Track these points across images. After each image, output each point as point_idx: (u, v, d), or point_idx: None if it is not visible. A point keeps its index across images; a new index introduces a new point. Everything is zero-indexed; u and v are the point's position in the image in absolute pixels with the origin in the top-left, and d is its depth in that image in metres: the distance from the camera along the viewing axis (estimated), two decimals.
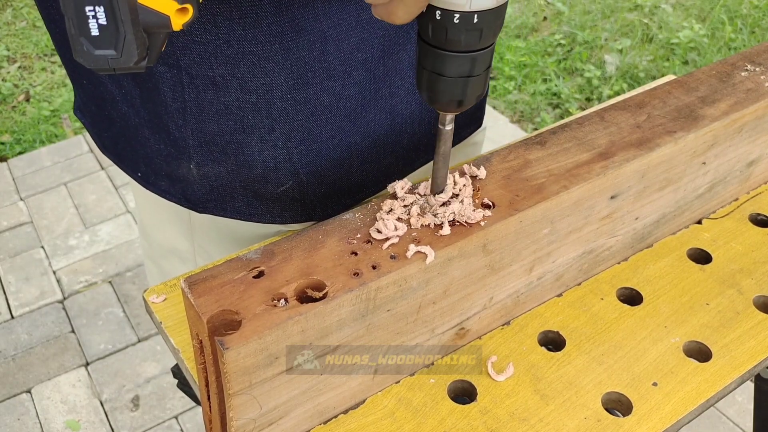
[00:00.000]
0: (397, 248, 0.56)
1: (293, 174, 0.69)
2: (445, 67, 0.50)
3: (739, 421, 1.68)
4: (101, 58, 0.42)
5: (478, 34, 0.48)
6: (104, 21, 0.41)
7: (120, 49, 0.42)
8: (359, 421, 0.63)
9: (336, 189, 0.73)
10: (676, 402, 0.64)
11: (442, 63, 0.50)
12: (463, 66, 0.50)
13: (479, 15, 0.47)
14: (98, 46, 0.42)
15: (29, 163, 2.47)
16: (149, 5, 0.41)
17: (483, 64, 0.51)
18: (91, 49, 0.42)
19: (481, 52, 0.50)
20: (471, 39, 0.48)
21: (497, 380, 0.65)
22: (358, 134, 0.70)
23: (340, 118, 0.67)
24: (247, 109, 0.64)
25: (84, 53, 0.42)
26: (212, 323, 0.50)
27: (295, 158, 0.68)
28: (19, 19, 3.23)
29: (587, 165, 0.65)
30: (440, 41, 0.49)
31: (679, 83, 0.76)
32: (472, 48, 0.49)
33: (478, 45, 0.49)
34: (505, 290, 0.67)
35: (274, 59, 0.61)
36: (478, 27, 0.48)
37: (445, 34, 0.48)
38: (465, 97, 0.52)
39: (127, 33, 0.41)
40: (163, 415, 1.73)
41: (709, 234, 0.81)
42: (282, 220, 0.74)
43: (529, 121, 2.69)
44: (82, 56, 0.42)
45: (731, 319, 0.71)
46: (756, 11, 3.20)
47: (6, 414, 1.73)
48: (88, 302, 2.00)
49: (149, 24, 0.42)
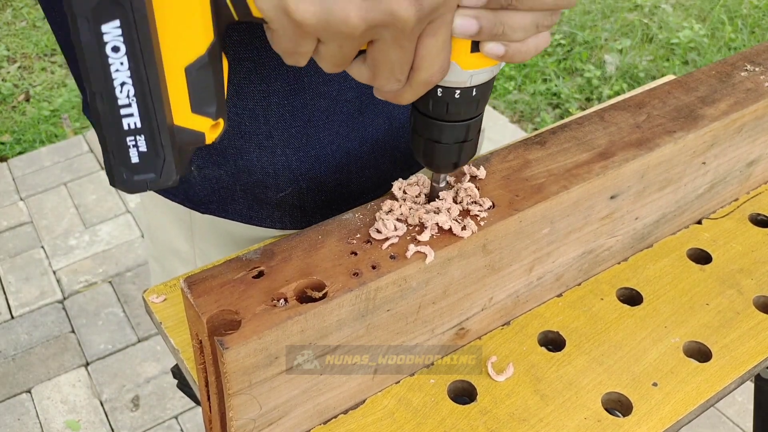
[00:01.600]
0: (396, 248, 0.56)
1: (292, 181, 0.69)
2: (442, 136, 0.52)
3: (739, 421, 1.68)
4: (140, 182, 0.43)
5: (475, 104, 0.51)
6: (144, 148, 0.41)
7: (160, 171, 0.42)
8: (359, 421, 0.63)
9: (336, 196, 0.73)
10: (676, 402, 0.64)
11: (440, 132, 0.52)
12: (459, 133, 0.53)
13: (477, 88, 0.49)
14: (138, 171, 0.42)
15: (29, 163, 2.47)
16: (186, 126, 0.42)
17: (476, 128, 0.54)
18: (130, 176, 0.42)
19: (476, 118, 0.53)
20: (469, 110, 0.51)
21: (497, 380, 0.65)
22: (356, 140, 0.69)
23: (338, 124, 0.67)
24: (245, 116, 0.64)
25: (123, 181, 0.42)
26: (212, 323, 0.50)
27: (293, 165, 0.68)
28: (19, 19, 3.23)
29: (587, 165, 0.65)
30: (440, 114, 0.51)
31: (679, 83, 0.76)
32: (470, 117, 0.52)
33: (474, 113, 0.52)
34: (505, 290, 0.67)
35: (270, 65, 0.61)
36: (476, 99, 0.50)
37: (446, 108, 0.50)
38: (460, 159, 0.55)
39: (166, 155, 0.42)
40: (163, 415, 1.73)
41: (709, 234, 0.81)
42: (282, 225, 0.74)
43: (529, 121, 2.69)
44: (121, 184, 0.42)
45: (731, 319, 0.71)
46: (756, 11, 3.20)
47: (6, 414, 1.73)
48: (88, 302, 2.00)
49: (185, 142, 0.43)
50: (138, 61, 0.38)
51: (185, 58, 0.40)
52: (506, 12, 0.44)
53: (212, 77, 0.41)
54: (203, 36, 0.40)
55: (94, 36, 0.37)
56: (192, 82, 0.41)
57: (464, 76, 0.48)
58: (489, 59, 0.47)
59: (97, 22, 0.36)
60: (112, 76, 0.38)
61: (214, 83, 0.42)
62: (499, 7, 0.43)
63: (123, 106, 0.39)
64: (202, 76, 0.41)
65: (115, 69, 0.38)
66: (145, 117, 0.40)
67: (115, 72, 0.38)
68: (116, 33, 0.37)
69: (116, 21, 0.36)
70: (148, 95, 0.39)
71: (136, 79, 0.39)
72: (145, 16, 0.37)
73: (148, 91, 0.39)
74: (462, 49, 0.46)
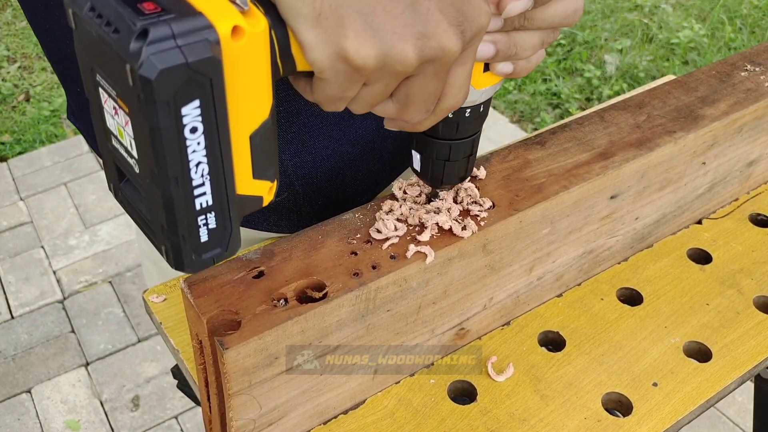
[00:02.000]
0: (396, 248, 0.56)
1: (288, 186, 0.69)
2: (451, 153, 0.53)
3: (739, 421, 1.68)
4: (208, 260, 0.41)
5: (481, 120, 0.52)
6: (214, 225, 0.39)
7: (226, 245, 0.41)
8: (359, 421, 0.63)
9: (331, 200, 0.73)
10: (676, 402, 0.64)
11: (449, 150, 0.53)
12: (467, 148, 0.54)
13: (484, 104, 0.51)
14: (207, 250, 0.40)
15: (29, 163, 2.47)
16: (248, 193, 0.40)
17: (478, 141, 0.55)
18: (198, 257, 0.40)
19: (480, 131, 0.54)
20: (477, 126, 0.52)
21: (497, 380, 0.65)
22: (348, 142, 0.70)
23: (331, 127, 0.67)
24: None
25: (192, 263, 0.40)
26: (212, 323, 0.50)
27: (290, 170, 0.68)
28: (19, 19, 3.23)
29: (587, 165, 0.65)
30: (450, 135, 0.52)
31: (679, 83, 0.76)
32: (476, 132, 0.53)
33: (480, 128, 0.53)
34: (505, 290, 0.67)
35: None
36: (483, 114, 0.51)
37: (456, 128, 0.51)
38: (466, 172, 0.56)
39: (233, 228, 0.40)
40: (163, 415, 1.73)
41: (709, 234, 0.81)
42: (278, 229, 0.74)
43: (529, 121, 2.69)
44: (190, 266, 0.40)
45: (731, 319, 0.71)
46: (756, 11, 3.20)
47: (6, 414, 1.73)
48: (88, 302, 2.00)
49: (246, 210, 0.41)
50: (213, 138, 0.36)
51: (252, 125, 0.38)
52: (518, 33, 0.45)
53: (272, 139, 0.40)
54: (267, 100, 0.38)
55: (174, 120, 0.34)
56: (256, 148, 0.39)
57: (476, 95, 0.49)
58: (497, 76, 0.49)
59: (178, 105, 0.34)
60: (189, 157, 0.36)
61: (273, 145, 0.40)
62: (512, 29, 0.45)
63: (197, 186, 0.37)
64: (265, 140, 0.39)
65: (192, 150, 0.36)
66: (217, 193, 0.38)
67: (192, 153, 0.36)
68: (195, 114, 0.35)
69: (196, 101, 0.34)
70: (221, 171, 0.38)
71: (210, 157, 0.37)
72: (223, 91, 0.35)
73: (221, 166, 0.38)
74: (476, 70, 0.48)
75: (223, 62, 0.34)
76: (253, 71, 0.37)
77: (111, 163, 0.41)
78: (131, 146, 0.37)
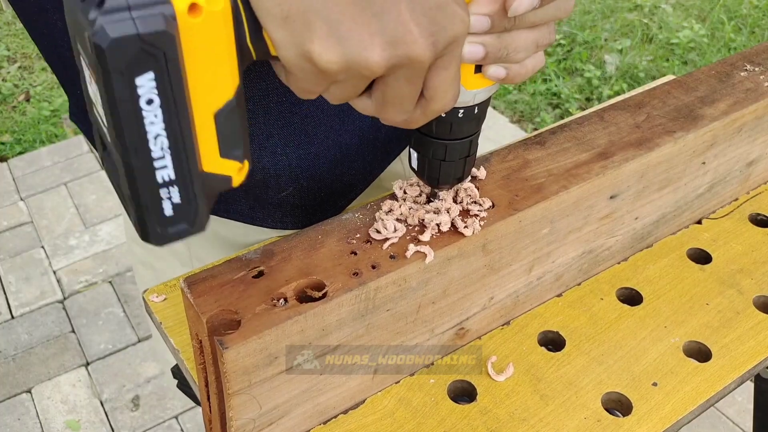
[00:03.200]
0: (396, 248, 0.56)
1: (293, 180, 0.69)
2: (447, 154, 0.54)
3: (739, 421, 1.68)
4: (173, 234, 0.41)
5: (476, 121, 0.52)
6: (178, 199, 0.40)
7: (192, 221, 0.41)
8: (359, 421, 0.63)
9: (333, 191, 0.73)
10: (676, 402, 0.64)
11: (445, 150, 0.53)
12: (463, 149, 0.54)
13: (479, 106, 0.51)
14: (172, 224, 0.41)
15: (29, 163, 2.47)
16: (215, 171, 0.41)
17: (477, 142, 0.55)
18: (164, 230, 0.41)
19: (478, 133, 0.54)
20: (470, 127, 0.52)
21: (497, 380, 0.65)
22: (347, 133, 0.70)
23: (331, 117, 0.67)
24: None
25: (157, 235, 0.41)
26: (212, 323, 0.50)
27: (294, 163, 0.68)
28: (19, 19, 3.24)
29: (587, 165, 0.65)
30: (444, 134, 0.52)
31: (679, 83, 0.76)
32: (472, 133, 0.53)
33: (476, 129, 0.53)
34: (505, 290, 0.67)
35: (266, 63, 0.61)
36: (477, 116, 0.51)
37: (450, 127, 0.52)
38: (464, 174, 0.56)
39: (199, 204, 0.41)
40: (163, 415, 1.73)
41: (709, 234, 0.81)
42: (283, 225, 0.74)
43: (529, 121, 2.69)
44: (155, 238, 0.41)
45: (731, 319, 0.71)
46: (756, 11, 3.20)
47: (6, 414, 1.73)
48: (88, 302, 2.00)
49: (214, 188, 0.42)
50: (171, 111, 0.37)
51: (215, 104, 0.39)
52: (509, 34, 0.45)
53: (239, 120, 0.41)
54: (231, 80, 0.39)
55: (128, 90, 0.35)
56: (221, 127, 0.40)
57: (468, 96, 0.49)
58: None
59: (132, 75, 0.35)
60: (146, 129, 0.37)
61: (240, 126, 0.41)
62: (502, 30, 0.44)
63: (157, 158, 0.38)
64: (231, 120, 0.40)
65: (150, 122, 0.37)
66: (178, 168, 0.39)
67: (150, 125, 0.37)
68: (150, 85, 0.36)
69: (150, 73, 0.36)
70: (181, 145, 0.39)
71: (169, 130, 0.38)
72: (178, 66, 0.36)
73: (181, 141, 0.39)
74: (466, 71, 0.47)
75: (180, 38, 0.35)
76: (214, 49, 0.38)
77: (96, 132, 0.42)
78: (103, 114, 0.38)
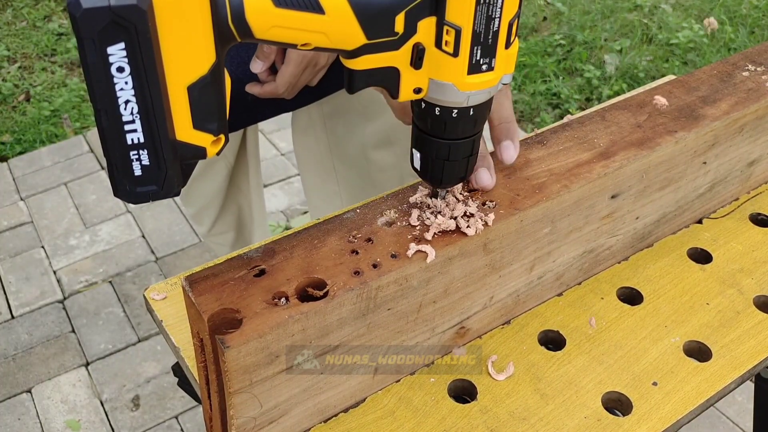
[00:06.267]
0: (397, 247, 0.56)
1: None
2: (450, 153, 0.54)
3: (739, 421, 1.68)
4: (143, 194, 0.45)
5: (475, 122, 0.53)
6: (147, 162, 0.43)
7: (162, 183, 0.45)
8: (359, 419, 0.63)
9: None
10: (676, 402, 0.64)
11: (447, 150, 0.54)
12: (466, 149, 0.55)
13: (475, 108, 0.51)
14: (141, 184, 0.44)
15: (29, 163, 2.47)
16: (188, 141, 0.44)
17: (479, 142, 0.56)
18: (133, 188, 0.44)
19: (479, 133, 0.55)
20: (471, 127, 0.53)
21: (497, 379, 0.65)
22: None
23: None
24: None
25: (127, 192, 0.44)
26: (213, 321, 0.50)
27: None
28: (19, 19, 3.23)
29: (588, 164, 0.65)
30: (438, 132, 0.53)
31: (680, 83, 0.77)
32: (471, 134, 0.54)
33: (476, 130, 0.54)
34: (506, 289, 0.67)
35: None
36: (476, 118, 0.52)
37: (444, 126, 0.53)
38: (467, 173, 0.57)
39: (168, 169, 0.44)
40: (164, 415, 1.73)
41: (710, 234, 0.81)
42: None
43: (529, 121, 2.69)
44: (125, 195, 0.44)
45: (731, 319, 0.71)
46: (756, 11, 3.20)
47: (6, 414, 1.73)
48: (88, 302, 2.00)
49: (187, 157, 0.45)
50: (141, 80, 0.40)
51: (188, 78, 0.41)
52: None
53: (214, 96, 0.43)
54: (205, 57, 0.41)
55: (99, 57, 0.38)
56: (194, 100, 0.42)
57: (461, 97, 0.50)
58: (486, 82, 0.49)
59: (103, 44, 0.38)
60: (117, 94, 0.40)
61: (215, 101, 0.44)
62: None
63: (127, 122, 0.41)
64: (204, 94, 0.43)
65: (120, 88, 0.40)
66: (148, 133, 0.42)
67: (120, 91, 0.40)
68: (121, 55, 0.39)
69: (121, 44, 0.38)
70: (151, 112, 0.41)
71: (139, 97, 0.41)
72: (149, 39, 0.39)
73: (151, 108, 0.41)
74: (458, 72, 0.48)
75: (155, 13, 0.38)
76: (188, 27, 0.40)
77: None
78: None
